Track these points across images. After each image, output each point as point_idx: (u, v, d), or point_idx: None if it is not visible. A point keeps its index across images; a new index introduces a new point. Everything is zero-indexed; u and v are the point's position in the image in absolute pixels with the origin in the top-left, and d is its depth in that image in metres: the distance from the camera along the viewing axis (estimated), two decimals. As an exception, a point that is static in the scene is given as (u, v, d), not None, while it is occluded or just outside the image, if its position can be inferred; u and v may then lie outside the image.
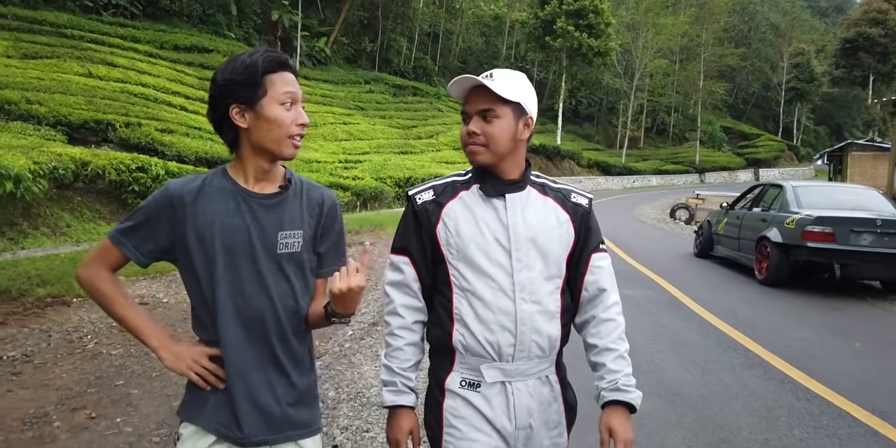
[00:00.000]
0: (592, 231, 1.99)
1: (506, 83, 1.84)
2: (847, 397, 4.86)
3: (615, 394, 1.87)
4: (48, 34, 26.84)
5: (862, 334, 6.97)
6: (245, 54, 1.77)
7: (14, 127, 15.98)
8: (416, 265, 1.96)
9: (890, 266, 8.78)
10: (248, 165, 1.80)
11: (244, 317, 1.76)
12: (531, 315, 1.85)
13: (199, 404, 1.80)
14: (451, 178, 2.02)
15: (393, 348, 1.95)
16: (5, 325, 6.18)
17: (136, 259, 1.80)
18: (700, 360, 5.83)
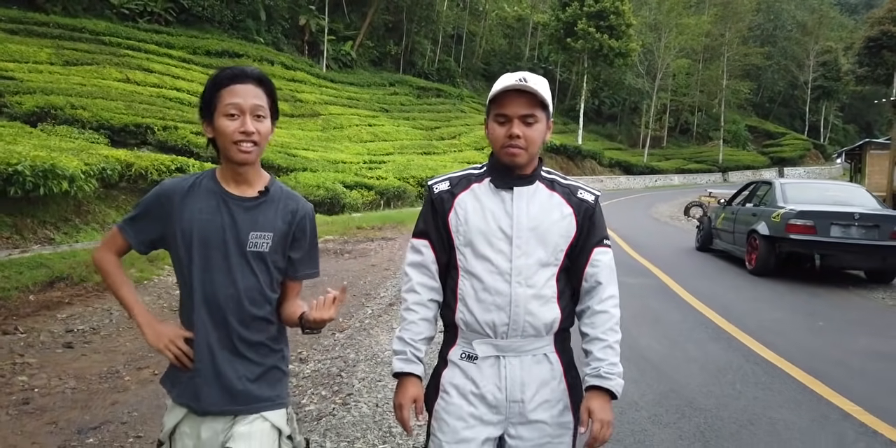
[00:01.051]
0: (596, 226, 2.14)
1: (542, 89, 2.01)
2: (791, 362, 5.73)
3: (597, 380, 2.03)
4: (88, 41, 28.05)
5: (828, 316, 7.80)
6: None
7: (60, 130, 17.06)
8: (434, 248, 2.14)
9: (866, 256, 9.59)
10: (225, 169, 2.05)
11: (211, 303, 1.98)
12: (525, 298, 2.02)
13: (175, 379, 2.06)
14: (468, 170, 2.20)
15: (407, 322, 2.14)
16: (72, 304, 7.16)
17: (135, 246, 2.08)
18: (673, 334, 6.70)
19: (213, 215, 1.99)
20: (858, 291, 9.52)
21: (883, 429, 4.30)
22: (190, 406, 2.00)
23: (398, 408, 2.11)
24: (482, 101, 55.93)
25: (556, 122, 57.86)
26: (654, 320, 7.26)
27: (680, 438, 4.07)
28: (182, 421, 2.02)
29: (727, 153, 63.29)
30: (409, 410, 2.09)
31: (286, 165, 21.63)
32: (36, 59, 23.84)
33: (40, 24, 27.41)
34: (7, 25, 25.78)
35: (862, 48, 54.10)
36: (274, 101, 2.06)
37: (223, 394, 1.98)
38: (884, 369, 5.71)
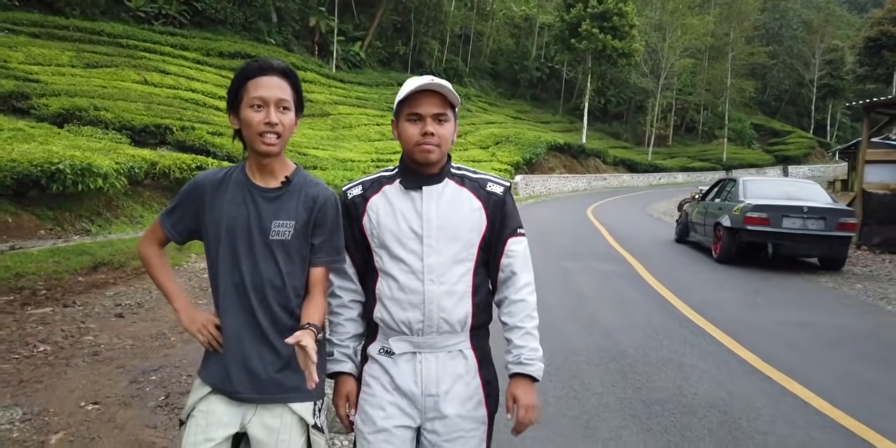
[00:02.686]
0: (508, 217, 2.20)
1: (451, 90, 2.08)
2: (717, 326, 6.91)
3: (518, 367, 2.12)
4: (106, 44, 29.03)
5: (770, 294, 8.94)
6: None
7: (85, 131, 18.13)
8: (350, 253, 2.21)
9: (814, 245, 10.78)
10: (251, 161, 2.12)
11: (238, 290, 2.05)
12: (438, 295, 2.07)
13: (206, 361, 2.15)
14: (380, 174, 2.27)
15: (333, 324, 2.23)
16: (116, 284, 8.32)
17: (171, 237, 2.18)
18: (627, 308, 7.86)
19: (239, 206, 2.07)
20: (808, 276, 10.63)
21: (767, 370, 5.49)
22: (219, 387, 2.07)
23: (336, 407, 2.22)
24: (490, 100, 56.86)
25: (562, 120, 58.95)
26: (615, 298, 8.41)
27: (605, 374, 5.25)
28: (202, 399, 2.08)
29: (732, 151, 63.82)
30: (345, 407, 2.20)
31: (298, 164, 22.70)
32: (58, 62, 24.83)
33: (61, 28, 28.34)
34: (29, 29, 26.72)
35: (862, 48, 54.95)
36: (299, 95, 2.13)
37: (251, 380, 2.04)
38: (791, 333, 6.87)
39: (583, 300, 8.22)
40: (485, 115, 49.72)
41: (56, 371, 5.03)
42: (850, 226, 10.61)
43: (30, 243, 9.93)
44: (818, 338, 6.68)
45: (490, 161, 35.83)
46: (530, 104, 61.97)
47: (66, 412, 4.23)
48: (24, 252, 9.15)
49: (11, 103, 19.00)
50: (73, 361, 5.27)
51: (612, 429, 4.16)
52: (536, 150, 39.68)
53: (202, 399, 2.08)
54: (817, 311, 7.98)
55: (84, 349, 5.64)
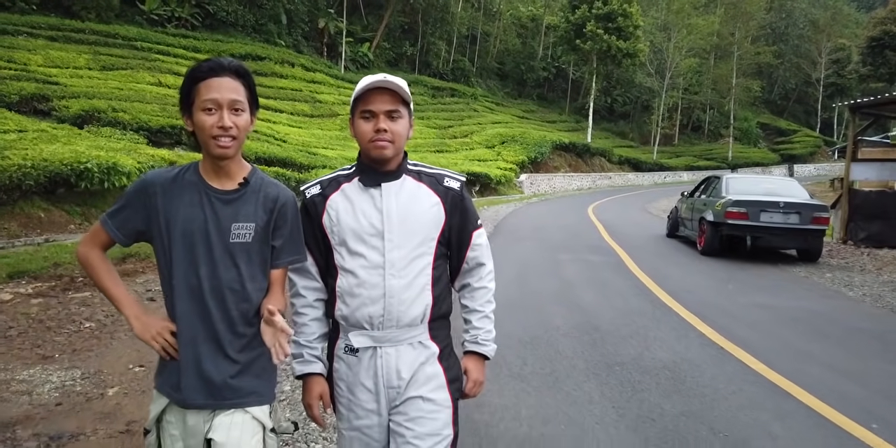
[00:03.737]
0: (468, 211, 2.27)
1: (405, 87, 2.11)
2: (686, 308, 7.68)
3: (474, 346, 2.30)
4: (121, 47, 29.81)
5: (743, 282, 9.69)
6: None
7: (105, 132, 18.87)
8: (311, 251, 2.22)
9: (790, 238, 11.58)
10: (206, 162, 2.06)
11: (194, 295, 2.00)
12: (399, 289, 2.11)
13: (161, 370, 2.09)
14: (337, 172, 2.29)
15: (299, 325, 2.24)
16: (144, 273, 9.11)
17: (116, 238, 2.06)
18: (609, 293, 8.61)
19: (194, 209, 2.02)
20: (784, 267, 11.37)
21: (721, 341, 6.28)
22: (172, 396, 2.04)
23: (308, 407, 2.25)
24: (496, 100, 57.49)
25: (568, 120, 59.57)
26: (599, 285, 9.17)
27: (578, 344, 6.03)
28: (166, 410, 2.06)
29: (738, 150, 64.03)
30: (318, 408, 2.23)
31: (307, 163, 23.37)
32: (75, 65, 25.60)
33: (77, 31, 29.10)
34: (47, 32, 27.50)
35: (865, 48, 55.44)
36: (253, 94, 2.07)
37: (204, 387, 2.02)
38: (752, 313, 7.64)
39: (569, 286, 8.99)
40: (491, 114, 50.37)
41: (103, 342, 5.82)
42: (824, 220, 11.38)
43: (62, 236, 10.74)
44: (775, 317, 7.44)
45: (495, 160, 36.49)
46: (537, 104, 62.55)
47: (117, 373, 5.02)
48: (58, 244, 9.95)
49: (33, 105, 19.77)
50: (117, 335, 6.06)
51: (576, 383, 4.94)
52: (541, 150, 40.33)
53: (166, 410, 2.06)
54: (782, 296, 8.72)
55: (124, 325, 6.40)
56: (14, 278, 7.88)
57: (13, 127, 15.61)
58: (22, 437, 3.80)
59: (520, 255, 11.59)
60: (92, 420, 4.08)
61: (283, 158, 22.03)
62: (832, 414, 4.43)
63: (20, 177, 10.48)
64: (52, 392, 4.57)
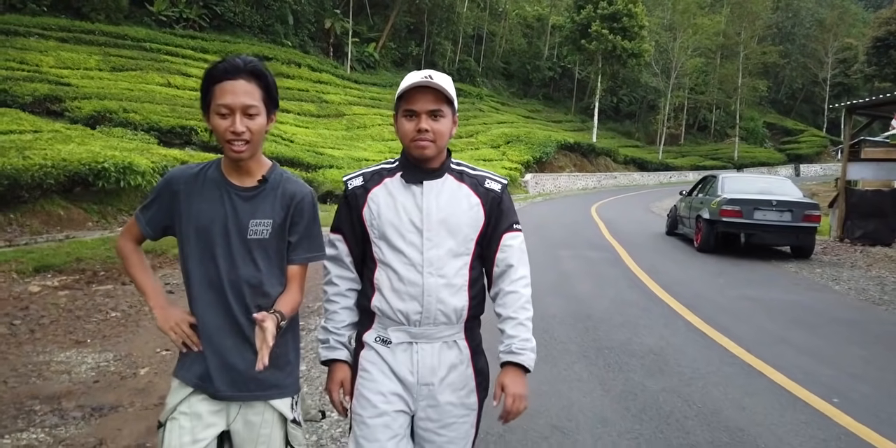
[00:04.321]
0: (504, 213, 2.25)
1: (447, 86, 2.10)
2: (677, 299, 8.10)
3: (509, 356, 2.16)
4: (131, 48, 30.16)
5: (734, 276, 10.09)
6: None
7: (116, 132, 19.27)
8: (348, 242, 2.24)
9: (783, 235, 12.00)
10: (226, 160, 2.10)
11: (214, 289, 2.05)
12: (437, 287, 2.12)
13: (182, 361, 2.12)
14: (381, 165, 2.28)
15: (329, 312, 2.27)
16: (162, 268, 9.55)
17: (145, 232, 2.14)
18: (605, 285, 9.03)
19: (215, 205, 2.06)
20: (776, 263, 11.76)
21: (706, 329, 6.71)
22: (200, 386, 2.07)
23: (329, 393, 2.27)
24: (502, 99, 57.74)
25: (574, 119, 59.84)
26: (596, 278, 9.60)
27: (572, 330, 6.47)
28: (183, 401, 2.08)
29: (744, 150, 63.98)
30: (339, 394, 2.25)
31: (314, 163, 23.79)
32: (86, 66, 25.95)
33: (87, 32, 29.42)
34: (58, 34, 27.86)
35: (870, 48, 55.72)
36: (269, 94, 2.06)
37: (231, 380, 2.06)
38: (739, 304, 8.07)
39: (567, 279, 9.41)
40: (496, 114, 50.68)
41: (129, 330, 6.26)
42: (815, 217, 11.77)
43: (81, 233, 11.20)
44: (760, 308, 7.85)
45: (500, 160, 36.84)
46: (542, 103, 62.82)
47: (147, 355, 5.46)
48: (78, 241, 10.41)
49: (46, 106, 20.20)
50: (142, 323, 6.49)
51: (567, 364, 5.36)
52: (546, 150, 40.65)
53: (184, 401, 2.08)
54: (770, 290, 9.12)
55: (148, 315, 6.83)
56: (40, 272, 8.33)
57: (28, 127, 16.06)
58: (67, 408, 4.24)
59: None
60: (128, 395, 4.51)
61: (291, 158, 22.45)
62: (798, 390, 4.84)
63: (41, 176, 10.93)
64: (88, 372, 5.01)
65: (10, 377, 4.81)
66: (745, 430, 4.10)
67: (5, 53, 23.33)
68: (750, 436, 4.02)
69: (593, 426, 4.10)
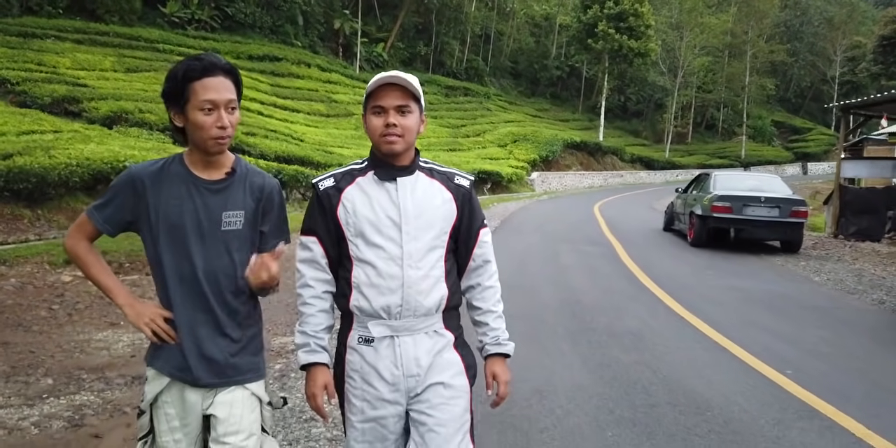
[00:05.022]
0: (476, 209, 2.35)
1: (415, 84, 2.18)
2: (663, 289, 8.67)
3: (496, 347, 2.33)
4: (144, 49, 30.65)
5: (721, 269, 10.66)
6: (176, 65, 2.08)
7: (132, 132, 19.77)
8: (322, 243, 2.27)
9: (771, 230, 12.64)
10: (194, 155, 2.14)
11: (189, 282, 2.11)
12: (416, 279, 2.18)
13: (157, 352, 2.17)
14: (350, 166, 2.33)
15: (306, 315, 2.28)
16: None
17: (104, 230, 2.15)
18: (597, 277, 9.62)
19: (184, 200, 2.09)
20: (765, 257, 12.33)
21: (686, 315, 7.30)
22: (179, 376, 2.11)
23: (311, 398, 2.26)
24: (510, 99, 58.07)
25: (581, 118, 60.19)
26: (590, 270, 10.20)
27: (560, 315, 7.08)
28: (164, 390, 2.13)
29: (751, 148, 63.94)
30: (322, 398, 2.25)
31: (324, 161, 24.23)
32: (101, 67, 26.45)
33: (102, 34, 29.90)
34: (73, 36, 28.39)
35: (877, 46, 55.95)
36: (239, 90, 2.13)
37: (208, 367, 2.11)
38: (721, 294, 8.65)
39: (562, 271, 10.00)
40: (504, 113, 51.10)
41: (157, 313, 6.86)
42: (802, 213, 12.34)
43: (104, 228, 11.83)
44: (740, 297, 8.43)
45: (507, 159, 37.33)
46: (550, 102, 63.08)
47: (174, 334, 6.05)
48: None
49: (64, 106, 20.70)
50: (167, 308, 7.09)
51: (553, 342, 5.96)
52: (553, 148, 41.11)
53: (164, 390, 2.13)
54: (753, 280, 9.69)
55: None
56: (69, 264, 8.93)
57: (49, 127, 16.66)
58: (110, 377, 4.85)
59: (522, 245, 12.57)
60: (161, 366, 5.11)
61: (301, 157, 22.94)
62: (758, 364, 5.42)
63: (67, 174, 11.58)
64: (125, 348, 5.62)
65: (57, 353, 5.42)
66: (700, 394, 4.69)
67: (24, 55, 23.88)
68: (703, 398, 4.61)
69: (569, 390, 4.69)
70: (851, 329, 6.97)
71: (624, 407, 4.41)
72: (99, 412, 4.19)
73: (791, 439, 3.95)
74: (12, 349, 5.44)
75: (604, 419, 4.19)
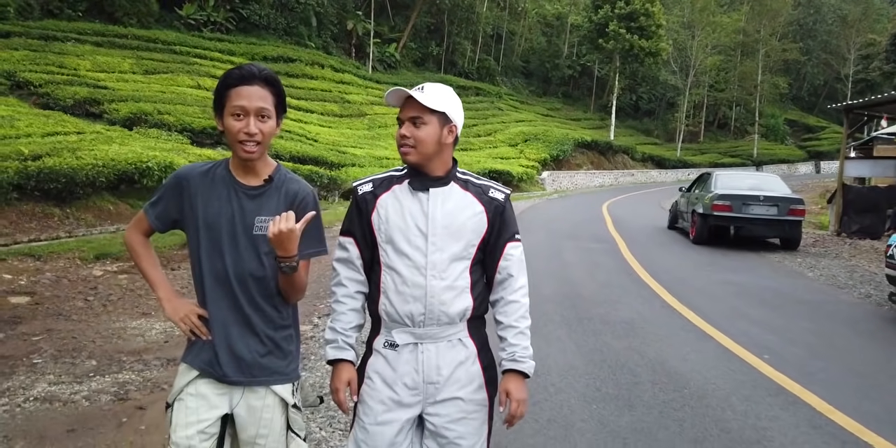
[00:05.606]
0: (507, 223, 2.35)
1: (433, 96, 2.24)
2: (660, 283, 9.14)
3: (512, 364, 2.29)
4: (161, 51, 31.08)
5: (720, 265, 11.12)
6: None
7: (152, 133, 20.23)
8: (359, 245, 2.34)
9: (770, 228, 13.11)
10: (235, 161, 2.23)
11: (221, 282, 2.19)
12: (439, 289, 2.22)
13: (191, 348, 2.27)
14: (390, 173, 2.40)
15: (337, 313, 2.36)
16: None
17: (154, 226, 2.28)
18: (597, 272, 10.08)
19: (224, 203, 2.18)
20: (764, 254, 12.76)
21: (677, 306, 7.78)
22: (208, 371, 2.19)
23: (335, 391, 2.31)
24: (521, 98, 58.27)
25: (593, 117, 60.41)
26: (591, 265, 10.67)
27: (559, 306, 7.56)
28: (191, 383, 2.21)
29: (764, 147, 63.74)
30: (345, 393, 2.30)
31: (337, 161, 24.72)
32: (120, 69, 26.98)
33: (120, 37, 30.32)
34: (93, 38, 28.81)
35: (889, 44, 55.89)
36: (281, 100, 2.20)
37: (237, 365, 2.18)
38: (714, 287, 9.11)
39: (564, 266, 10.48)
40: (515, 113, 51.38)
41: (183, 304, 7.38)
42: (800, 211, 12.80)
43: (128, 226, 12.40)
44: (732, 290, 8.89)
45: (518, 158, 37.67)
46: (562, 101, 63.23)
47: (201, 323, 6.57)
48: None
49: (86, 108, 21.23)
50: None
51: (550, 330, 6.45)
52: (563, 148, 41.42)
53: (190, 383, 2.21)
54: (748, 276, 10.13)
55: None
56: (100, 259, 9.50)
57: (72, 129, 17.17)
58: (148, 359, 5.37)
59: (528, 242, 12.83)
60: (193, 350, 5.63)
61: (315, 157, 23.40)
62: (738, 349, 5.90)
63: (94, 174, 12.13)
64: (158, 335, 6.14)
65: (97, 338, 5.95)
66: (681, 375, 5.17)
67: (45, 58, 24.43)
68: (683, 377, 5.09)
69: (562, 371, 5.18)
70: (834, 320, 7.42)
71: (610, 385, 4.90)
72: (141, 388, 4.71)
73: (757, 412, 4.43)
74: (56, 335, 5.97)
75: (591, 395, 4.68)
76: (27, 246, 9.85)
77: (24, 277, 8.19)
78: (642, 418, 4.29)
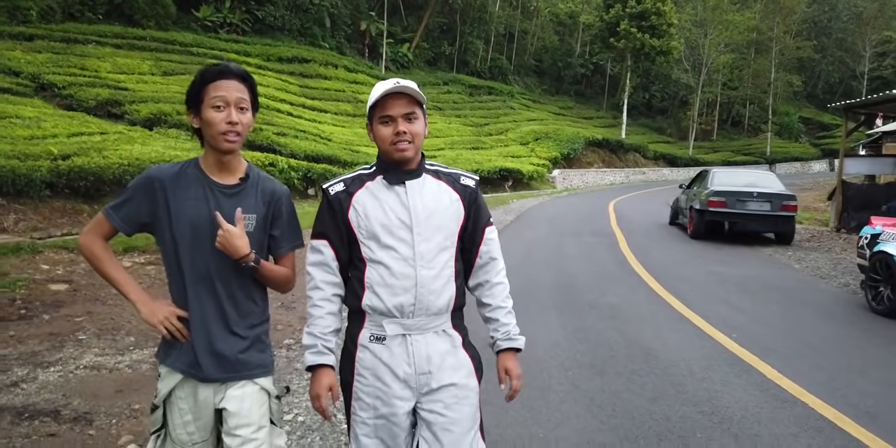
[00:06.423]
0: (481, 208, 2.44)
1: (416, 90, 2.25)
2: (650, 273, 9.73)
3: (508, 342, 2.42)
4: (179, 53, 31.67)
5: (711, 257, 11.68)
6: (196, 72, 2.24)
7: (172, 133, 20.79)
8: (333, 246, 2.34)
9: (763, 223, 13.66)
10: (209, 158, 2.24)
11: (203, 281, 2.21)
12: (429, 279, 2.26)
13: (169, 350, 2.27)
14: (358, 171, 2.42)
15: (314, 317, 2.34)
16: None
17: (121, 229, 2.25)
18: (594, 264, 10.69)
19: (200, 202, 2.20)
20: (758, 248, 13.34)
21: (662, 293, 8.38)
22: (190, 373, 2.23)
23: (315, 398, 2.32)
24: (533, 97, 58.53)
25: (606, 115, 60.72)
26: (588, 257, 11.30)
27: (553, 293, 8.19)
28: (177, 386, 2.24)
29: (777, 145, 63.54)
30: (327, 399, 2.31)
31: (351, 160, 25.13)
32: (140, 71, 27.56)
33: (139, 39, 31.04)
34: (113, 40, 29.40)
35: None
36: (255, 96, 2.26)
37: (219, 363, 2.22)
38: (701, 277, 9.70)
39: (564, 258, 11.10)
40: (527, 112, 51.72)
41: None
42: (792, 207, 13.36)
43: (152, 222, 13.08)
44: (717, 280, 9.48)
45: (529, 156, 38.12)
46: (574, 100, 63.43)
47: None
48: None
49: (107, 109, 21.81)
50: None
51: (540, 313, 7.09)
52: (574, 146, 41.81)
53: (177, 386, 2.24)
54: (737, 267, 10.71)
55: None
56: (128, 252, 10.17)
57: (96, 130, 17.81)
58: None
59: (531, 237, 13.67)
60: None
61: (329, 156, 23.98)
62: (710, 330, 6.53)
63: (120, 173, 12.83)
64: (186, 316, 6.78)
65: (132, 319, 6.63)
66: (653, 349, 5.80)
67: (68, 60, 25.12)
68: (654, 352, 5.71)
69: (546, 346, 5.82)
70: (806, 305, 8.01)
71: (587, 357, 5.54)
72: (175, 359, 5.35)
73: (713, 378, 5.06)
74: (96, 317, 6.65)
75: (569, 364, 5.33)
76: (61, 239, 10.55)
77: (61, 267, 8.89)
78: (611, 382, 4.92)
